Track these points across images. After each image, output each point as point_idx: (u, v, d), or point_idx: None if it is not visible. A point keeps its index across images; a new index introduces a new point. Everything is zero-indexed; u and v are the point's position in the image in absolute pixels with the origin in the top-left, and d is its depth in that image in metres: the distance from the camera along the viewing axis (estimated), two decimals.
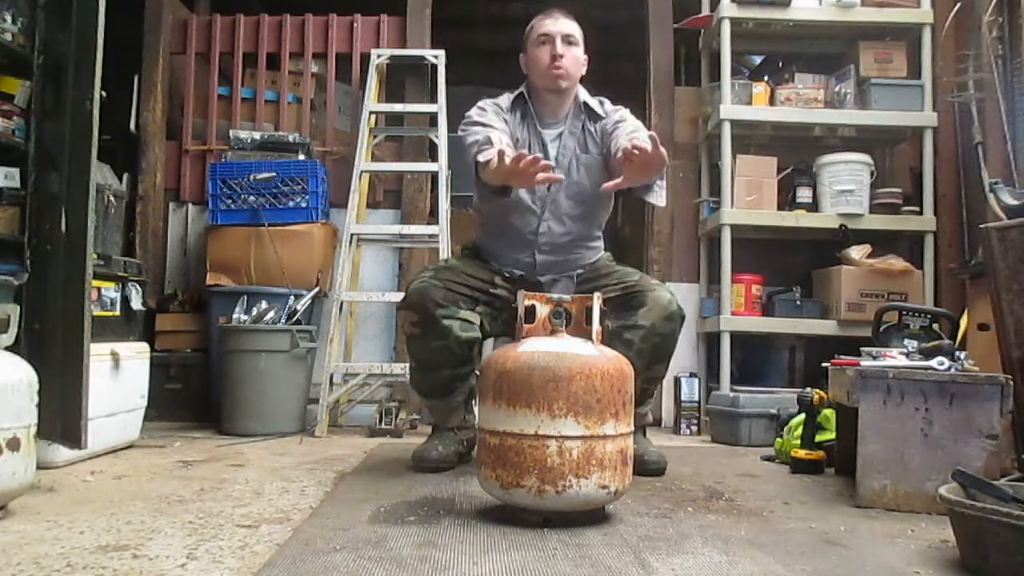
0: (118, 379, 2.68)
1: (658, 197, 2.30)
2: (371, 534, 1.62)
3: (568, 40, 2.43)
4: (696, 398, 3.68)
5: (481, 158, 2.20)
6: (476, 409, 2.54)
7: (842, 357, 2.34)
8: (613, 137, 2.37)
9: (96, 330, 2.15)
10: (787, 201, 3.73)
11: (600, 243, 2.61)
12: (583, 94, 2.52)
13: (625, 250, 4.65)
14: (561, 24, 2.44)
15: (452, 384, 2.43)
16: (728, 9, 3.68)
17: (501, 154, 2.01)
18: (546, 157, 2.40)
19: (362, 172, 3.70)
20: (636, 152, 1.97)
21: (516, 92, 2.53)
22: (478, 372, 2.81)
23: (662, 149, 1.98)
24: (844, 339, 3.32)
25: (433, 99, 3.84)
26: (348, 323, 3.80)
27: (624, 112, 2.50)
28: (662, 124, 4.09)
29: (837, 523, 1.83)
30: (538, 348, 1.74)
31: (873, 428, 2.00)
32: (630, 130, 2.36)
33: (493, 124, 2.36)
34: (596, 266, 2.55)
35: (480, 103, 2.49)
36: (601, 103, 2.52)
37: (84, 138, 2.06)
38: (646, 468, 2.36)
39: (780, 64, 4.21)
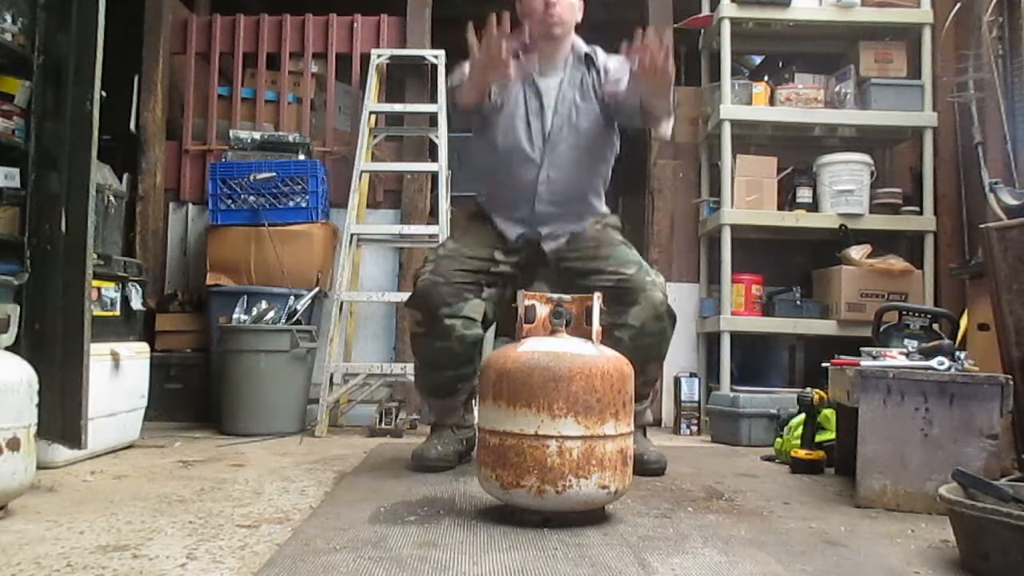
0: (118, 379, 2.68)
1: (665, 127, 2.36)
2: (371, 534, 1.62)
3: None
4: (696, 398, 3.68)
5: (454, 80, 2.30)
6: (476, 409, 2.55)
7: (842, 357, 2.34)
8: (609, 84, 2.43)
9: (96, 330, 2.15)
10: (787, 201, 3.73)
11: (601, 200, 2.56)
12: (580, 43, 2.51)
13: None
14: None
15: (455, 385, 2.44)
16: (728, 9, 3.68)
17: (473, 49, 2.11)
18: (542, 107, 2.44)
19: (362, 172, 3.70)
20: (650, 46, 2.03)
21: None
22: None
23: (671, 62, 2.05)
24: (844, 339, 3.32)
25: (433, 99, 3.84)
26: (348, 323, 3.80)
27: (621, 59, 2.47)
28: None
29: (837, 523, 1.83)
30: (538, 348, 1.74)
31: (873, 428, 2.00)
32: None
33: None
34: (598, 233, 2.49)
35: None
36: (595, 52, 2.50)
37: (84, 138, 2.06)
38: (646, 468, 2.36)
39: (780, 64, 4.21)
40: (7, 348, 1.89)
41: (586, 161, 2.47)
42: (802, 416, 2.58)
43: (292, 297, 3.45)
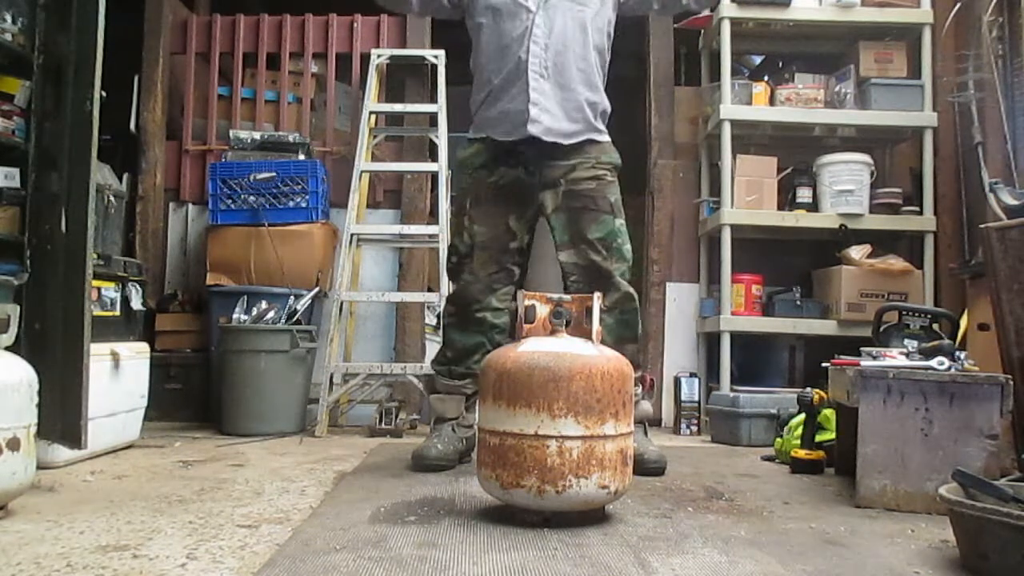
0: (118, 379, 2.68)
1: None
2: (371, 534, 1.62)
3: None
4: (696, 398, 3.68)
5: None
6: (476, 408, 2.57)
7: (842, 357, 2.34)
8: None
9: (96, 330, 2.15)
10: (787, 201, 3.73)
11: (598, 94, 2.49)
12: None
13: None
14: None
15: (474, 369, 2.49)
16: (728, 9, 3.68)
17: None
18: None
19: (362, 172, 3.70)
20: None
21: None
22: None
23: None
24: (844, 339, 3.32)
25: (433, 99, 3.84)
26: (348, 323, 3.79)
27: None
28: (662, 124, 4.10)
29: (837, 523, 1.83)
30: (538, 348, 1.75)
31: (873, 428, 2.00)
32: None
33: None
34: (598, 179, 2.46)
35: None
36: None
37: (84, 138, 2.06)
38: (646, 468, 2.37)
39: (780, 64, 4.21)
40: (7, 348, 1.89)
41: (581, 23, 2.43)
42: (802, 416, 2.58)
43: (292, 297, 3.45)
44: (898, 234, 3.74)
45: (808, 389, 2.57)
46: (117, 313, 2.95)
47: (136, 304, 3.06)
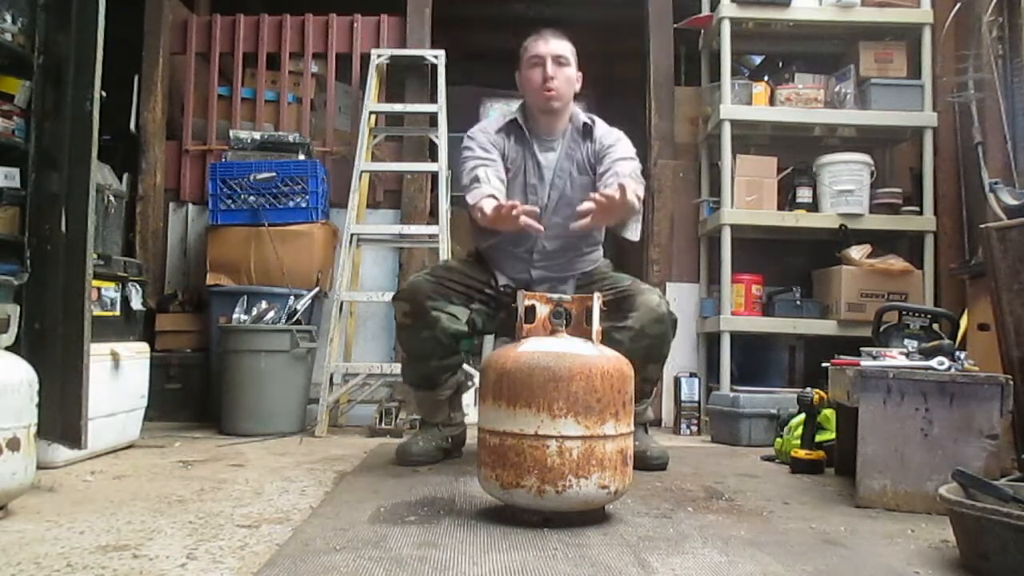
0: (118, 379, 2.68)
1: (632, 233, 2.49)
2: (371, 534, 1.62)
3: (559, 61, 2.47)
4: (696, 398, 3.68)
5: (470, 199, 2.33)
6: (464, 407, 2.73)
7: (842, 357, 2.34)
8: (600, 162, 2.49)
9: (96, 330, 2.15)
10: (787, 201, 3.73)
11: (598, 252, 2.65)
12: (579, 113, 2.57)
13: (625, 250, 4.65)
14: (552, 46, 2.48)
15: (439, 376, 2.51)
16: (728, 9, 3.68)
17: (491, 208, 2.16)
18: (541, 177, 2.52)
19: (362, 172, 3.70)
20: (603, 200, 2.07)
21: (509, 117, 2.58)
22: (473, 374, 2.87)
23: (631, 197, 2.09)
24: (844, 339, 3.32)
25: (433, 99, 3.84)
26: (348, 323, 3.80)
27: (617, 135, 2.55)
28: (662, 124, 4.10)
29: (837, 523, 1.83)
30: (538, 348, 1.74)
31: (873, 428, 2.00)
32: (616, 156, 2.46)
33: (486, 158, 2.45)
34: (592, 273, 2.59)
35: (471, 132, 2.57)
36: (593, 122, 2.56)
37: (84, 138, 2.06)
38: (649, 463, 2.43)
39: (780, 64, 4.21)
40: (7, 348, 1.89)
41: (580, 231, 2.49)
42: (802, 416, 2.58)
43: (292, 297, 3.45)
44: (898, 234, 3.74)
45: (808, 389, 2.57)
46: (117, 313, 2.95)
47: (136, 304, 3.06)
